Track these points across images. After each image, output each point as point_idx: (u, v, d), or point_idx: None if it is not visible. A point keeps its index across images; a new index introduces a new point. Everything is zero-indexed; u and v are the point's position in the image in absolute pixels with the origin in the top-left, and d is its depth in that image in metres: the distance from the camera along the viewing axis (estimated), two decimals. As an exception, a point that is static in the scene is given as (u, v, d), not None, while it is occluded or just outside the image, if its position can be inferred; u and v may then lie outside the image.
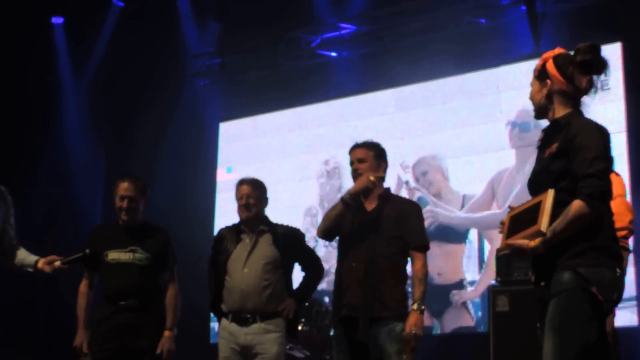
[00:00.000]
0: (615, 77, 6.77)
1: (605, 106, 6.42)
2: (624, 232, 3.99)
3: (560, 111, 3.16)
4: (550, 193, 2.98)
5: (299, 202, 8.50)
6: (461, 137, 7.69)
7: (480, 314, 7.23)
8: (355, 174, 4.27)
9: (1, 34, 8.89)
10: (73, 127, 9.81)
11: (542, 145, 3.20)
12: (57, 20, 9.81)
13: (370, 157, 4.27)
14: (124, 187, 4.81)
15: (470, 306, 7.36)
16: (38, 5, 9.33)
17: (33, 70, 9.36)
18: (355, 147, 4.32)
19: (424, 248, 4.19)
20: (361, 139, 4.42)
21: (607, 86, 6.65)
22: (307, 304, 5.99)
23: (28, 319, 9.18)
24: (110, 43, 9.65)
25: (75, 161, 9.73)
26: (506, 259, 5.32)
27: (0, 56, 8.94)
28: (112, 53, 9.63)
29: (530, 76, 3.32)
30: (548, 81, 3.16)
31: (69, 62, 9.84)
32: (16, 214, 9.15)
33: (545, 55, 3.20)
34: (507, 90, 7.53)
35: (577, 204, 2.95)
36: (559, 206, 2.98)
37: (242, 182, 4.79)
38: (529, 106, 3.35)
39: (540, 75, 3.19)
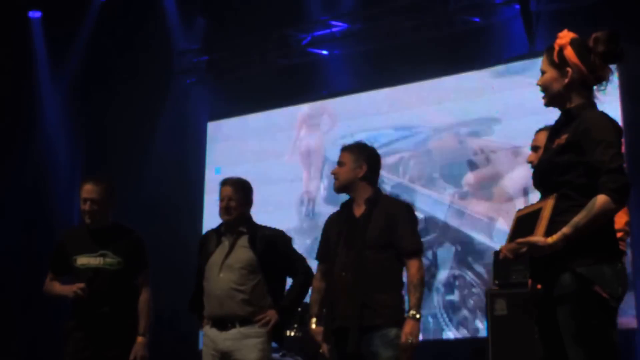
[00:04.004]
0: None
1: (602, 107, 6.64)
2: (620, 234, 4.00)
3: (575, 100, 3.17)
4: (550, 202, 3.02)
5: (290, 203, 8.72)
6: (455, 139, 7.97)
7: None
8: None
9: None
10: (52, 126, 9.92)
11: (551, 135, 3.22)
12: (35, 14, 9.89)
13: (349, 159, 4.31)
14: (86, 189, 4.83)
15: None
16: (15, -1, 9.44)
17: (8, 66, 9.42)
18: (341, 150, 4.43)
19: (416, 253, 4.20)
20: (354, 139, 4.52)
21: (602, 86, 6.82)
22: (299, 309, 5.82)
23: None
24: (91, 39, 9.74)
25: (53, 162, 9.85)
26: (504, 262, 5.44)
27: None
28: (93, 49, 9.73)
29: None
30: (569, 69, 3.15)
31: (47, 58, 9.90)
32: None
33: (560, 40, 3.18)
34: (502, 90, 7.79)
35: (602, 199, 2.95)
36: (563, 201, 3.01)
37: (224, 183, 4.80)
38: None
39: (560, 62, 3.17)
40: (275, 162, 8.95)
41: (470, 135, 7.92)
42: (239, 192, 4.76)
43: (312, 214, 8.58)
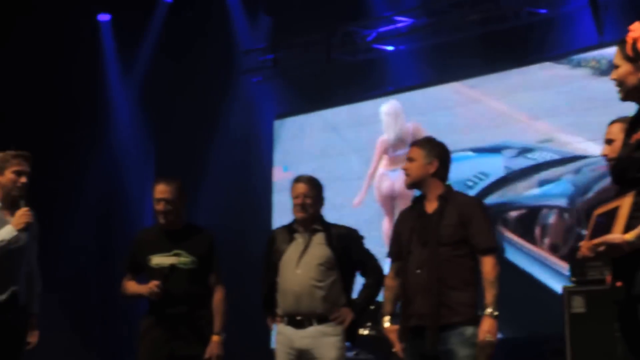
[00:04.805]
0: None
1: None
2: None
3: None
4: (628, 199, 2.96)
5: (360, 200, 8.70)
6: (526, 131, 7.83)
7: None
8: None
9: (48, 33, 9.19)
10: (123, 126, 10.16)
11: (629, 130, 3.15)
12: (104, 17, 10.11)
13: (420, 155, 4.26)
14: (159, 189, 4.84)
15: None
16: (84, 3, 9.61)
17: (81, 69, 9.67)
18: (411, 146, 4.38)
19: (491, 250, 4.15)
20: (420, 135, 4.46)
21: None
22: (372, 307, 5.69)
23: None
24: (159, 40, 9.92)
25: (125, 162, 10.09)
26: (580, 259, 5.35)
27: (48, 55, 9.25)
28: (161, 50, 9.92)
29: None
30: None
31: (117, 60, 10.14)
32: (69, 216, 9.48)
33: (634, 33, 3.11)
34: (570, 82, 7.63)
35: None
36: None
37: (298, 180, 4.80)
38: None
39: (634, 56, 3.09)
40: (341, 160, 8.94)
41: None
42: (313, 190, 4.76)
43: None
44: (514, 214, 7.78)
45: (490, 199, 7.85)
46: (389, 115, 8.72)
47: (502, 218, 7.77)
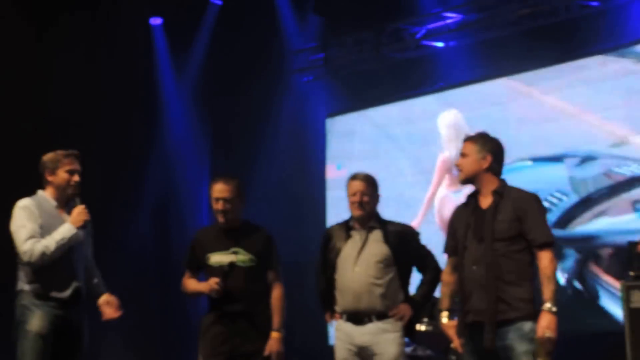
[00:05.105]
0: None
1: None
2: None
3: None
4: None
5: (411, 198, 8.69)
6: (580, 126, 7.74)
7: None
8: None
9: (101, 38, 9.37)
10: (178, 127, 10.29)
11: None
12: (156, 21, 10.26)
13: (473, 151, 4.25)
14: (217, 188, 4.88)
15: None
16: (136, 7, 9.77)
17: (134, 72, 9.82)
18: (464, 141, 4.36)
19: (548, 244, 4.10)
20: (472, 131, 4.42)
21: None
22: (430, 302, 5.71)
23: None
24: (210, 42, 10.03)
25: (180, 162, 10.22)
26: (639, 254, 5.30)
27: (104, 60, 9.42)
28: (212, 52, 10.03)
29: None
30: None
31: (170, 62, 10.29)
32: (127, 214, 9.66)
33: None
34: (626, 75, 7.54)
35: None
36: None
37: (355, 178, 4.81)
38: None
39: None
40: (393, 157, 8.93)
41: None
42: (370, 187, 4.77)
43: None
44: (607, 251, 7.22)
45: (576, 230, 7.39)
46: (450, 127, 8.35)
47: (593, 254, 7.25)
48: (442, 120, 8.41)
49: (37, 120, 8.66)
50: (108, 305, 4.83)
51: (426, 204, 8.40)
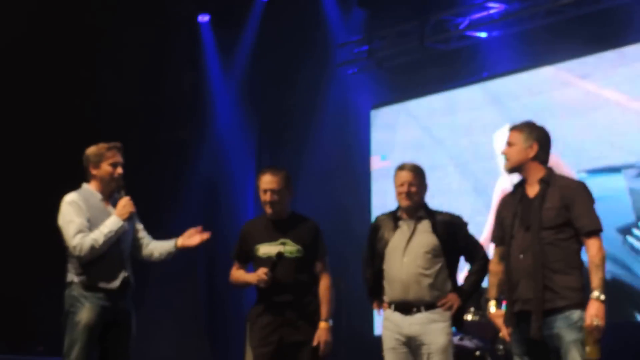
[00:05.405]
0: None
1: None
2: None
3: None
4: None
5: (456, 188, 8.70)
6: (626, 114, 7.66)
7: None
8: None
9: (151, 36, 9.50)
10: (225, 120, 10.44)
11: None
12: (203, 18, 10.41)
13: (519, 139, 4.22)
14: (265, 180, 4.89)
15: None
16: (184, 5, 9.90)
17: (183, 69, 9.95)
18: (510, 130, 4.32)
19: (596, 232, 4.07)
20: (517, 120, 4.38)
21: None
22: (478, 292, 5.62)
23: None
24: (257, 37, 10.15)
25: (228, 155, 10.37)
26: None
27: (149, 57, 9.55)
28: (259, 47, 10.15)
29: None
30: None
31: (217, 58, 10.44)
32: (176, 207, 9.80)
33: None
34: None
35: None
36: None
37: (402, 168, 4.78)
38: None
39: None
40: (437, 148, 8.94)
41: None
42: (417, 177, 4.76)
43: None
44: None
45: None
46: None
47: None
48: (499, 137, 8.17)
49: (85, 113, 8.80)
50: (190, 238, 4.95)
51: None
